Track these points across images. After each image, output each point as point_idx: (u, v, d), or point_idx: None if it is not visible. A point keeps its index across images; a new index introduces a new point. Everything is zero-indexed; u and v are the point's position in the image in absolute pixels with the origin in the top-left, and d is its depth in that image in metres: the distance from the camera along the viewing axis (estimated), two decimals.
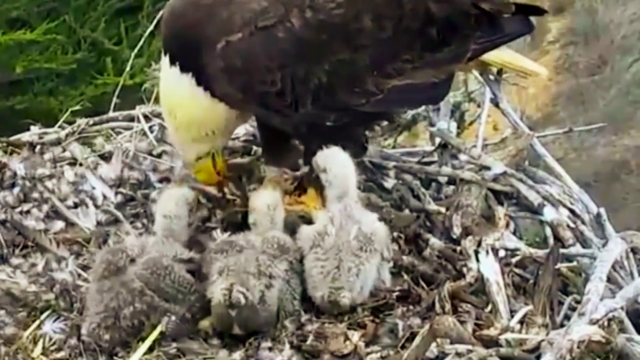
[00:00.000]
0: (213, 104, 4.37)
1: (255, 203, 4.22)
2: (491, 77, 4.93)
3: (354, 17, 4.28)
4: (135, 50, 6.43)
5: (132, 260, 4.05)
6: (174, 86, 4.42)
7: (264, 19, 4.23)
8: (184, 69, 4.35)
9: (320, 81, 4.27)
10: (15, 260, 4.51)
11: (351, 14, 4.28)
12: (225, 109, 4.41)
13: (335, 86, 4.30)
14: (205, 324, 4.02)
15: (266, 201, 4.20)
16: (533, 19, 4.72)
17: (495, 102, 4.99)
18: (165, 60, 4.44)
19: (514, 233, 4.58)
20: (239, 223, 4.44)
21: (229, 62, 4.24)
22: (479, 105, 5.74)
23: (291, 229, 4.24)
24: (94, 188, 4.87)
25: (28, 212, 4.75)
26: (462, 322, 3.82)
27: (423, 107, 5.48)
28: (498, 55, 4.68)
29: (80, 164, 5.04)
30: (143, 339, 3.93)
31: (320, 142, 4.33)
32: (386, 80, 4.37)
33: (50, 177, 4.91)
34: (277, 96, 4.27)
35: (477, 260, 4.16)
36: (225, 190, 4.69)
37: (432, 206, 4.72)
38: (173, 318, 3.95)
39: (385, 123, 4.95)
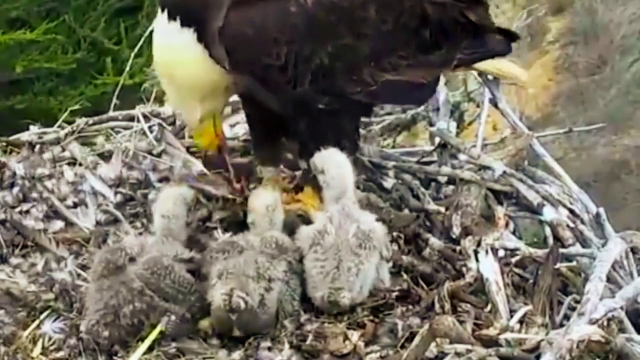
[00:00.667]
0: (212, 63, 4.30)
1: (254, 204, 4.22)
2: (490, 77, 4.95)
3: (361, 5, 4.32)
4: (135, 51, 6.43)
5: (132, 260, 4.04)
6: (173, 42, 4.33)
7: None
8: (185, 24, 4.27)
9: (322, 63, 4.28)
10: (15, 260, 4.51)
11: (359, 1, 4.31)
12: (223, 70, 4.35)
13: (334, 70, 4.32)
14: (205, 324, 4.02)
15: (265, 202, 4.20)
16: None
17: (494, 103, 5.00)
18: (162, 16, 4.35)
19: (514, 233, 4.58)
20: (240, 223, 4.44)
21: (237, 29, 4.21)
22: (478, 106, 5.74)
23: (290, 229, 4.24)
24: (93, 188, 4.87)
25: (28, 212, 4.75)
26: (461, 322, 3.81)
27: (422, 108, 5.51)
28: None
29: (80, 164, 5.04)
30: (143, 339, 3.93)
31: (310, 130, 4.37)
32: (381, 74, 4.41)
33: (50, 177, 4.91)
34: (279, 71, 4.26)
35: (477, 260, 4.16)
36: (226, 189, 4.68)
37: (432, 206, 4.72)
38: (173, 318, 3.95)
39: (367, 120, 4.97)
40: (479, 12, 4.66)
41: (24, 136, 5.28)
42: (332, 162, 4.24)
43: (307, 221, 4.29)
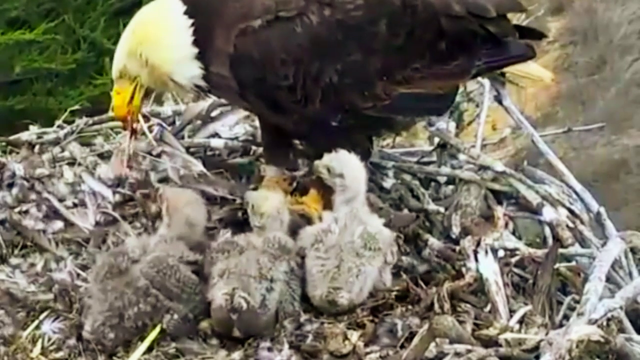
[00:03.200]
0: (188, 61, 4.34)
1: (265, 207, 4.19)
2: (495, 75, 4.93)
3: (370, 21, 4.32)
4: None
5: (134, 262, 4.05)
6: (169, 10, 4.39)
7: (285, 9, 4.25)
8: (187, 14, 4.33)
9: (331, 80, 4.29)
10: (14, 260, 4.51)
11: (368, 17, 4.32)
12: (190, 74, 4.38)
13: (345, 87, 4.32)
14: (204, 324, 4.02)
15: (276, 205, 4.20)
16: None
17: (498, 100, 4.98)
18: None
19: (513, 233, 4.58)
20: (239, 223, 4.44)
21: (244, 51, 4.25)
22: (477, 105, 5.73)
23: (292, 229, 4.23)
24: (92, 188, 4.86)
25: (27, 212, 4.73)
26: (461, 322, 3.82)
27: None
28: None
29: (79, 164, 5.03)
30: (143, 339, 3.93)
31: (324, 143, 4.34)
32: (394, 87, 4.41)
33: (49, 177, 4.89)
34: (288, 91, 4.28)
35: (476, 260, 4.16)
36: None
37: (432, 206, 4.72)
38: (175, 316, 3.96)
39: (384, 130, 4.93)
40: (500, 23, 4.60)
41: (24, 136, 5.28)
42: (351, 166, 4.24)
43: (310, 222, 4.29)
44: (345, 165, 4.23)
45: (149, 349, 3.92)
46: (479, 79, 5.32)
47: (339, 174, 4.22)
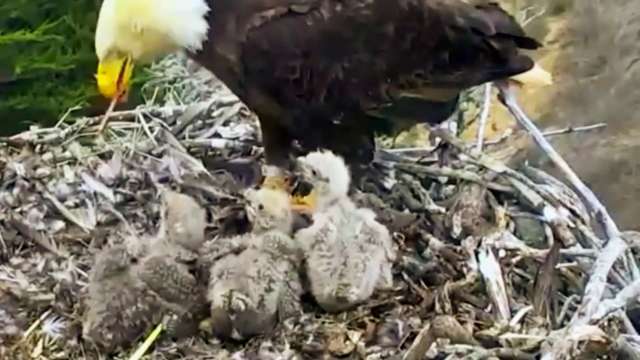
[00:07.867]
0: (196, 16, 4.28)
1: (274, 211, 4.18)
2: None
3: (379, 22, 4.33)
4: None
5: (133, 261, 4.04)
6: None
7: (297, 2, 4.26)
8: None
9: (337, 77, 4.30)
10: (15, 260, 4.51)
11: (377, 17, 4.33)
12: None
13: (350, 85, 4.33)
14: (205, 324, 4.02)
15: (284, 206, 4.20)
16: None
17: (502, 99, 4.98)
18: None
19: (514, 233, 4.57)
20: (240, 223, 4.44)
21: (255, 41, 4.25)
22: (477, 105, 5.74)
23: (294, 229, 4.23)
24: (93, 188, 4.86)
25: (27, 212, 4.74)
26: (462, 322, 3.81)
27: None
28: None
29: (80, 164, 5.03)
30: (144, 339, 3.93)
31: (322, 142, 4.34)
32: (398, 90, 4.42)
33: (50, 177, 4.90)
34: (294, 84, 4.28)
35: (477, 260, 4.15)
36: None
37: (432, 206, 4.72)
38: (174, 317, 3.95)
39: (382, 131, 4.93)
40: (501, 40, 4.60)
41: (25, 136, 5.28)
42: (335, 171, 4.22)
43: (311, 221, 4.29)
44: (331, 170, 4.20)
45: (150, 349, 3.91)
46: None
47: (325, 179, 4.21)
